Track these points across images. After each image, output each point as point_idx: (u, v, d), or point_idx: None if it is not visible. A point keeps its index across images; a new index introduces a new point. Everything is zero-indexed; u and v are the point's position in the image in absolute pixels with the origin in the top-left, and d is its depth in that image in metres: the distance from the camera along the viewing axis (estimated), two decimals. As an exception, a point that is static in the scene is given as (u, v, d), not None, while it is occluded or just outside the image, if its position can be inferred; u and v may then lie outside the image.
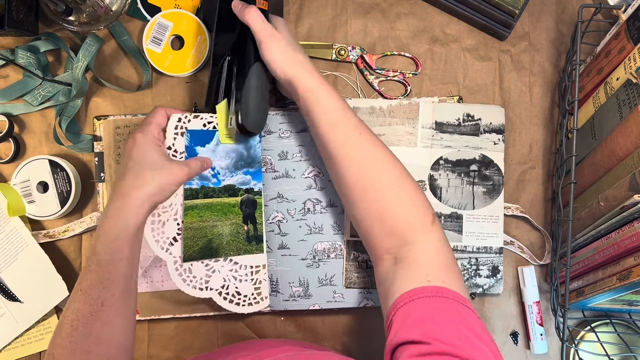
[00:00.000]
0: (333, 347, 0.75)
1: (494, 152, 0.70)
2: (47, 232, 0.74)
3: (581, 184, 0.69)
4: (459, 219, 0.70)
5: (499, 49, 0.78)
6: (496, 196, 0.70)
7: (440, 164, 0.69)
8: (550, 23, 0.78)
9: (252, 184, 0.71)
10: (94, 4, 0.72)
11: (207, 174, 0.70)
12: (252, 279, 0.70)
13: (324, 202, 0.72)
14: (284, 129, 0.73)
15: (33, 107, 0.74)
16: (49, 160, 0.72)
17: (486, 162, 0.70)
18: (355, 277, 0.71)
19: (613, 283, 0.60)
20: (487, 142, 0.70)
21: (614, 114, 0.64)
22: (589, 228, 0.66)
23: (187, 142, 0.68)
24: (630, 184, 0.57)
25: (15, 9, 0.70)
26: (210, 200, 0.70)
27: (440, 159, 0.70)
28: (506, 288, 0.75)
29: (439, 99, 0.75)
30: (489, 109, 0.72)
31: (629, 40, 0.64)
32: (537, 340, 0.73)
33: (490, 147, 0.70)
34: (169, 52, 0.74)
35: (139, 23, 0.76)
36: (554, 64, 0.78)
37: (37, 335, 0.74)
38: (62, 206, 0.72)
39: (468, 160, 0.70)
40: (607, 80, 0.67)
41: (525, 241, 0.76)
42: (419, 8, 0.78)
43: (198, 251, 0.68)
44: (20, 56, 0.72)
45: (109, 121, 0.73)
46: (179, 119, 0.67)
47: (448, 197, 0.69)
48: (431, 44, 0.77)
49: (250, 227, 0.71)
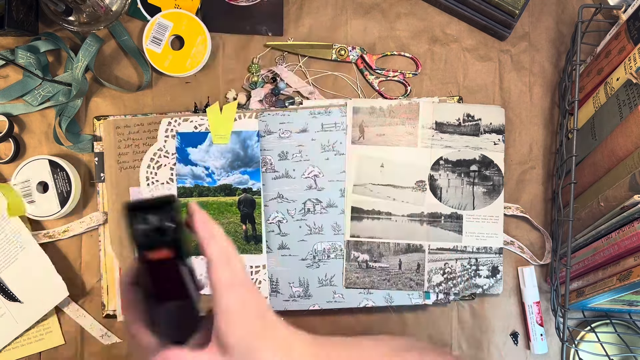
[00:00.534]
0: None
1: (494, 153, 0.70)
2: (47, 232, 0.74)
3: (581, 184, 0.69)
4: (459, 219, 0.70)
5: (499, 49, 0.77)
6: (496, 196, 0.70)
7: (440, 164, 0.69)
8: (550, 23, 0.78)
9: (250, 183, 0.71)
10: (94, 4, 0.72)
11: (201, 174, 0.70)
12: (251, 279, 0.71)
13: (324, 202, 0.72)
14: (284, 129, 0.73)
15: (33, 107, 0.74)
16: (49, 160, 0.72)
17: (486, 163, 0.70)
18: (355, 277, 0.71)
19: (613, 283, 0.60)
20: (487, 142, 0.70)
21: (614, 114, 0.64)
22: (589, 228, 0.65)
23: (178, 144, 0.70)
24: (630, 184, 0.57)
25: (15, 9, 0.70)
26: (205, 199, 0.70)
27: (440, 159, 0.70)
28: (506, 288, 0.75)
29: (439, 99, 0.75)
30: (489, 109, 0.72)
31: (629, 40, 0.63)
32: (537, 341, 0.73)
33: (490, 147, 0.70)
34: (169, 52, 0.74)
35: (139, 23, 0.76)
36: (554, 64, 0.78)
37: (37, 335, 0.74)
38: (62, 206, 0.72)
39: (468, 161, 0.70)
40: (607, 80, 0.66)
41: (525, 241, 0.76)
42: (419, 8, 0.77)
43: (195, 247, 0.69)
44: (20, 56, 0.72)
45: (109, 121, 0.73)
46: (168, 122, 0.68)
47: (448, 198, 0.69)
48: (431, 44, 0.77)
49: (249, 226, 0.71)
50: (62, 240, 0.74)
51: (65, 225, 0.74)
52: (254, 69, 0.75)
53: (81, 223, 0.74)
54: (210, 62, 0.76)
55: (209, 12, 0.76)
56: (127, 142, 0.72)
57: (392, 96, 0.76)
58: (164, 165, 0.72)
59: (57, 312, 0.74)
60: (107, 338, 0.74)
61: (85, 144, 0.74)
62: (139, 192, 0.72)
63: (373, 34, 0.77)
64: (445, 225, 0.70)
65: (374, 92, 0.76)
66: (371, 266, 0.70)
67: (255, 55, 0.76)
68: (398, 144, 0.69)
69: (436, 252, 0.70)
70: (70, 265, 0.75)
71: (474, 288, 0.70)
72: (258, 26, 0.76)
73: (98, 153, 0.74)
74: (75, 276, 0.74)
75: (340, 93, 0.76)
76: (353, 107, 0.69)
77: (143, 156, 0.72)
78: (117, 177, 0.72)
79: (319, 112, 0.73)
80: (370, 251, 0.70)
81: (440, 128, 0.69)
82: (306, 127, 0.72)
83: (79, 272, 0.75)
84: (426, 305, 0.74)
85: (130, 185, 0.72)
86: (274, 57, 0.76)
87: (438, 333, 0.75)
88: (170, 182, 0.72)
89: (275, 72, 0.76)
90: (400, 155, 0.67)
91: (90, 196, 0.75)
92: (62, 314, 0.74)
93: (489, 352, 0.75)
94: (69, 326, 0.74)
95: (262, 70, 0.76)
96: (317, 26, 0.77)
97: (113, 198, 0.72)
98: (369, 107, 0.70)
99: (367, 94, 0.76)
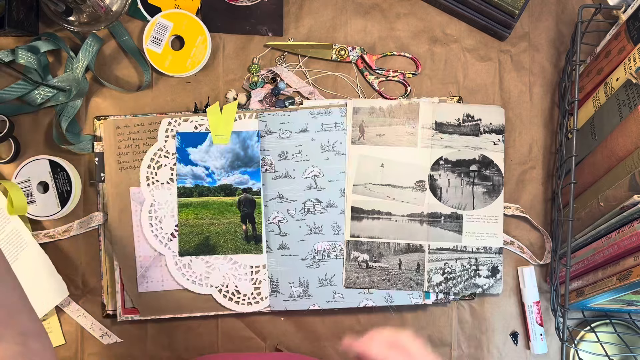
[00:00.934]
0: (333, 347, 0.75)
1: (493, 153, 0.70)
2: (47, 232, 0.74)
3: (581, 184, 0.69)
4: (459, 219, 0.70)
5: (499, 49, 0.77)
6: (496, 196, 0.70)
7: (440, 164, 0.69)
8: (550, 23, 0.78)
9: (250, 183, 0.71)
10: (94, 4, 0.72)
11: (201, 174, 0.71)
12: (251, 279, 0.71)
13: (324, 202, 0.72)
14: (284, 129, 0.73)
15: (33, 107, 0.74)
16: (49, 160, 0.72)
17: (486, 163, 0.70)
18: (355, 277, 0.71)
19: (613, 283, 0.60)
20: (487, 142, 0.70)
21: (613, 114, 0.64)
22: (588, 228, 0.66)
23: (178, 144, 0.70)
24: (630, 184, 0.57)
25: (16, 9, 0.70)
26: (205, 198, 0.71)
27: (440, 159, 0.70)
28: (506, 288, 0.75)
29: (439, 99, 0.75)
30: (489, 109, 0.72)
31: (629, 40, 0.64)
32: (537, 341, 0.73)
33: (490, 147, 0.70)
34: (169, 52, 0.74)
35: (139, 23, 0.76)
36: (554, 64, 0.78)
37: (37, 335, 0.74)
38: (62, 206, 0.72)
39: (468, 161, 0.70)
40: (607, 80, 0.66)
41: (525, 241, 0.76)
42: (419, 8, 0.78)
43: (194, 247, 0.70)
44: (21, 56, 0.72)
45: (109, 121, 0.73)
46: (168, 122, 0.68)
47: (448, 197, 0.70)
48: (431, 44, 0.77)
49: (249, 226, 0.71)
50: (62, 240, 0.74)
51: (65, 225, 0.74)
52: (254, 69, 0.76)
53: (81, 223, 0.74)
54: (210, 62, 0.76)
55: (209, 12, 0.76)
56: (127, 142, 0.72)
57: (392, 96, 0.76)
58: (164, 165, 0.72)
59: (57, 312, 0.74)
60: (107, 338, 0.74)
61: (85, 144, 0.74)
62: (139, 192, 0.72)
63: (373, 34, 0.77)
64: (445, 225, 0.70)
65: (374, 92, 0.76)
66: (371, 266, 0.70)
67: (255, 55, 0.76)
68: (398, 144, 0.70)
69: (436, 252, 0.70)
70: (70, 265, 0.75)
71: (473, 288, 0.70)
72: (258, 26, 0.76)
73: (98, 153, 0.74)
74: (75, 276, 0.74)
75: (340, 93, 0.76)
76: (353, 107, 0.70)
77: (143, 156, 0.72)
78: (117, 177, 0.72)
79: (319, 112, 0.73)
80: (370, 251, 0.70)
81: (440, 128, 0.70)
82: (306, 127, 0.73)
83: (79, 272, 0.75)
84: (426, 305, 0.74)
85: (130, 185, 0.72)
86: (274, 57, 0.76)
87: (438, 333, 0.75)
88: (170, 182, 0.72)
89: (275, 72, 0.76)
90: (400, 155, 0.67)
91: (90, 196, 0.75)
92: (62, 314, 0.74)
93: (489, 352, 0.75)
94: (69, 326, 0.74)
95: (262, 70, 0.76)
96: (317, 26, 0.77)
97: (113, 198, 0.72)
98: (369, 107, 0.70)
99: (367, 94, 0.76)
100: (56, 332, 0.74)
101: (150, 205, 0.72)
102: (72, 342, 0.74)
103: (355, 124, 0.71)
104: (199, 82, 0.76)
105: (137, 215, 0.72)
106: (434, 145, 0.70)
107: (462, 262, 0.70)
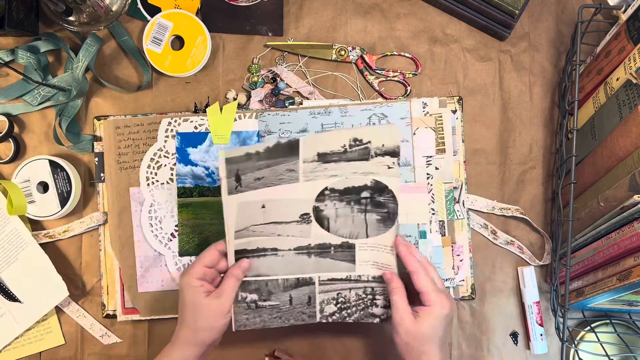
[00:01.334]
0: (333, 347, 0.75)
1: (388, 178, 0.63)
2: (47, 232, 0.74)
3: (581, 184, 0.69)
4: (351, 248, 0.65)
5: (499, 49, 0.78)
6: (391, 225, 0.64)
7: (325, 195, 0.63)
8: (550, 23, 0.78)
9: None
10: (94, 4, 0.72)
11: (201, 174, 0.71)
12: None
13: None
14: (284, 129, 0.73)
15: (33, 107, 0.74)
16: (49, 160, 0.72)
17: (379, 188, 0.63)
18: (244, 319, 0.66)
19: (613, 283, 0.60)
20: (379, 166, 0.63)
21: (614, 114, 0.64)
22: (588, 228, 0.66)
23: (178, 144, 0.70)
24: (630, 184, 0.57)
25: (16, 9, 0.70)
26: (205, 198, 0.71)
27: (325, 189, 0.63)
28: (506, 288, 0.75)
29: (439, 99, 0.75)
30: (381, 130, 0.64)
31: (629, 40, 0.64)
32: (537, 341, 0.73)
33: (383, 171, 0.63)
34: (169, 52, 0.74)
35: (139, 23, 0.76)
36: (554, 64, 0.78)
37: (37, 335, 0.74)
38: (62, 206, 0.72)
39: (358, 188, 0.63)
40: (607, 80, 0.66)
41: (525, 241, 0.76)
42: (419, 8, 0.78)
43: (194, 247, 0.70)
44: (20, 56, 0.72)
45: (109, 121, 0.73)
46: (168, 122, 0.68)
47: (337, 227, 0.64)
48: (431, 44, 0.77)
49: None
50: (62, 240, 0.75)
51: (65, 225, 0.74)
52: (254, 69, 0.76)
53: (81, 223, 0.74)
54: (210, 62, 0.76)
55: (209, 12, 0.76)
56: (127, 142, 0.72)
57: (392, 96, 0.76)
58: (164, 165, 0.72)
59: (57, 312, 0.74)
60: (107, 338, 0.74)
61: (85, 144, 0.74)
62: (139, 192, 0.72)
63: (373, 34, 0.77)
64: (336, 255, 0.65)
65: (374, 92, 0.76)
66: (261, 305, 0.65)
67: (255, 55, 0.76)
68: (278, 183, 0.63)
69: (327, 282, 0.66)
70: (70, 265, 0.75)
71: (370, 317, 0.66)
72: (258, 26, 0.76)
73: (98, 153, 0.74)
74: (75, 276, 0.74)
75: (340, 93, 0.76)
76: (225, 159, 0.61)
77: (143, 156, 0.72)
78: (117, 177, 0.72)
79: (319, 112, 0.73)
80: (258, 290, 0.65)
81: (324, 158, 0.62)
82: (306, 127, 0.72)
83: (79, 272, 0.75)
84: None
85: (130, 185, 0.72)
86: (274, 57, 0.77)
87: (438, 333, 0.74)
88: (170, 182, 0.72)
89: (275, 72, 0.76)
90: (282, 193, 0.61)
91: (90, 196, 0.75)
92: (62, 314, 0.74)
93: (489, 352, 0.75)
94: (69, 326, 0.74)
95: (262, 70, 0.76)
96: (317, 26, 0.77)
97: (113, 198, 0.72)
98: (244, 154, 0.61)
99: (367, 94, 0.76)
100: (56, 332, 0.74)
101: (150, 206, 0.72)
102: (72, 342, 0.74)
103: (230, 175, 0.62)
104: (199, 82, 0.76)
105: (137, 215, 0.72)
106: (317, 177, 0.63)
107: (356, 292, 0.66)
